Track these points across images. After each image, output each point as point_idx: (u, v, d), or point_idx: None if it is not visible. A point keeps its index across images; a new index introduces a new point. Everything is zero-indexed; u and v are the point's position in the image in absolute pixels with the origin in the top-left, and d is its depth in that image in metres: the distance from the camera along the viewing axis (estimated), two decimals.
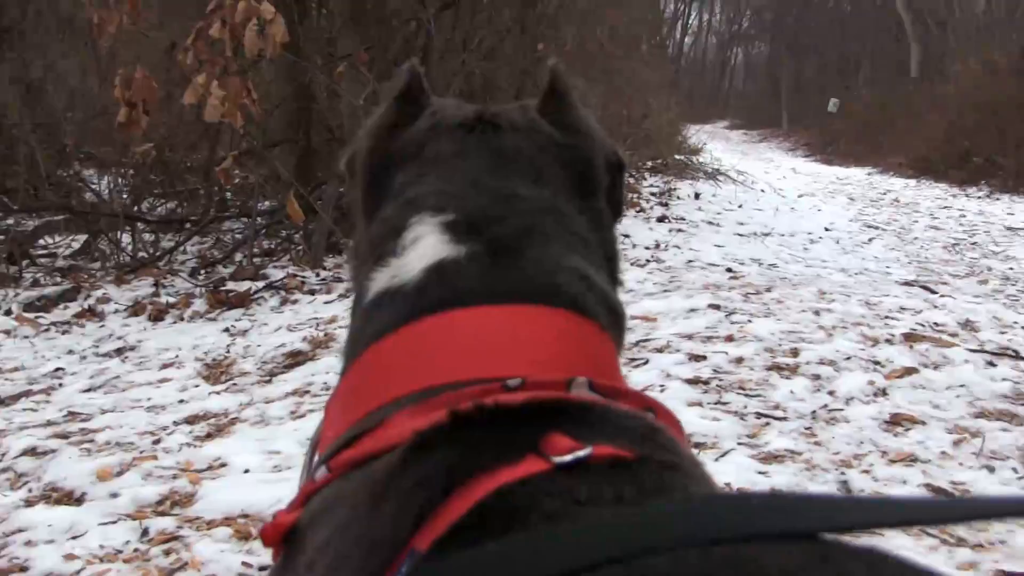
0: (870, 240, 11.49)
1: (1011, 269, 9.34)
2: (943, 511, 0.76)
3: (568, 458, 0.75)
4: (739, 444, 3.79)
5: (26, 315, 6.96)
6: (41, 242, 9.36)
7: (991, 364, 4.86)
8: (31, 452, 4.11)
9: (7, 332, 6.62)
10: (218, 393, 4.84)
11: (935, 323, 5.64)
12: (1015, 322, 5.79)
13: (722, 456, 3.66)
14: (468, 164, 1.09)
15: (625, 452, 0.77)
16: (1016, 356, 5.02)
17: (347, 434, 0.89)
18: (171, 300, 7.13)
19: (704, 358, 4.86)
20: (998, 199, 16.50)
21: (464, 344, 0.91)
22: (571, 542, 0.63)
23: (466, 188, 1.06)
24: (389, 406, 0.88)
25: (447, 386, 0.87)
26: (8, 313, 6.99)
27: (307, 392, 4.67)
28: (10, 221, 9.35)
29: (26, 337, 6.54)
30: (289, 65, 9.08)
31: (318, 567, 0.79)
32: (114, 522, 3.32)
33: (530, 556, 0.63)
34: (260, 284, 7.41)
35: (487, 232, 1.00)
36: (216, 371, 5.28)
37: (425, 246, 1.01)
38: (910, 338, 5.22)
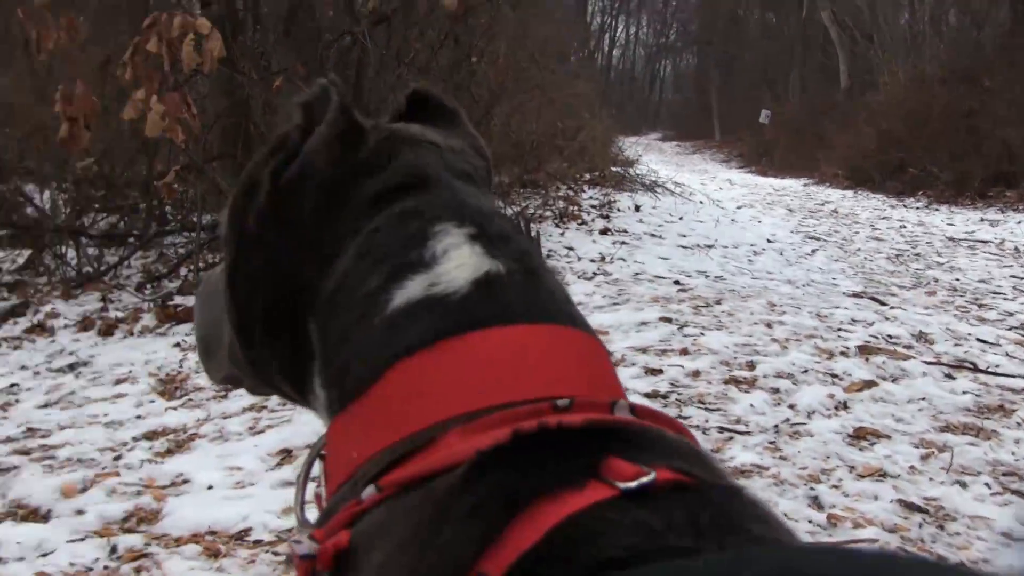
0: (813, 251, 11.64)
1: (957, 280, 9.46)
2: None
3: (634, 484, 0.74)
4: None
5: None
6: None
7: (950, 376, 4.98)
8: None
9: None
10: (175, 408, 4.91)
11: (888, 335, 5.80)
12: (969, 334, 5.94)
13: None
14: (445, 178, 1.08)
15: (684, 476, 0.77)
16: (975, 368, 5.14)
17: (390, 454, 0.88)
18: (120, 315, 7.17)
19: (660, 371, 4.98)
20: (937, 210, 16.82)
21: (512, 363, 0.90)
22: None
23: (463, 201, 1.05)
24: (438, 425, 0.86)
25: (501, 405, 0.85)
26: None
27: (264, 408, 4.76)
28: None
29: None
30: (225, 79, 9.14)
31: None
32: (82, 539, 3.40)
33: None
34: None
35: (507, 249, 1.00)
36: (170, 386, 5.35)
37: (462, 256, 0.98)
38: (865, 350, 5.34)
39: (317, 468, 1.11)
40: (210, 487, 3.78)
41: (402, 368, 0.91)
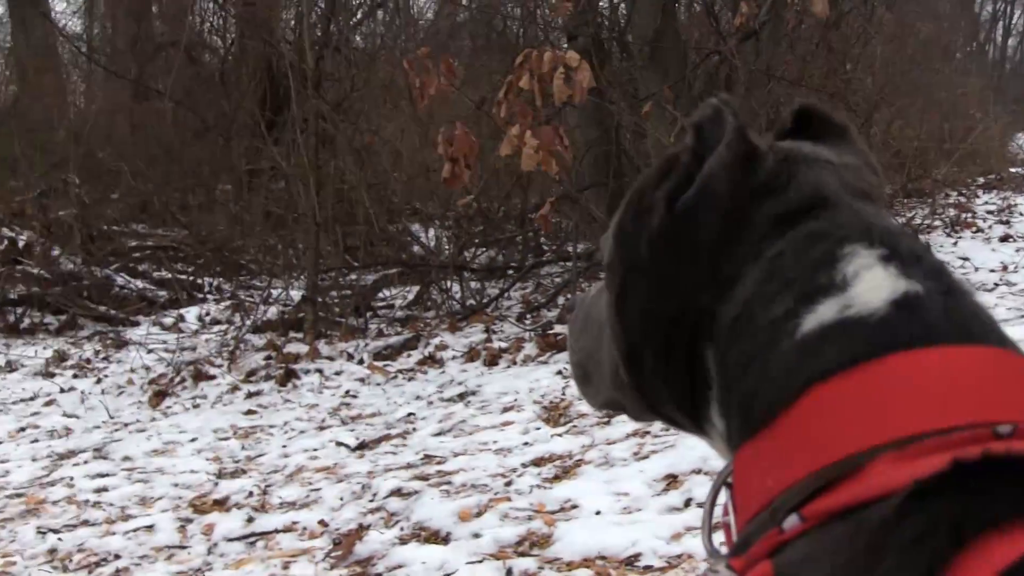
0: None
1: None
2: None
3: None
4: None
5: (376, 364, 7.56)
6: (381, 295, 10.10)
7: None
8: (398, 492, 4.49)
9: (362, 380, 7.24)
10: (560, 435, 5.08)
11: None
12: None
13: None
14: (845, 198, 1.04)
15: None
16: None
17: (813, 482, 0.84)
18: (503, 345, 7.53)
19: None
20: None
21: (941, 386, 0.85)
22: None
23: (868, 221, 1.00)
24: (865, 453, 0.82)
25: (933, 432, 0.81)
26: (361, 362, 7.62)
27: (647, 433, 4.83)
28: (353, 276, 10.13)
29: (378, 384, 7.13)
30: (594, 109, 9.39)
31: None
32: (480, 561, 3.59)
33: None
34: None
35: (921, 268, 0.94)
36: (554, 413, 5.55)
37: (875, 278, 0.93)
38: None
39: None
40: (598, 512, 3.88)
41: (818, 393, 0.88)
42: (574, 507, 3.98)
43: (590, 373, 1.27)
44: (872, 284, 0.92)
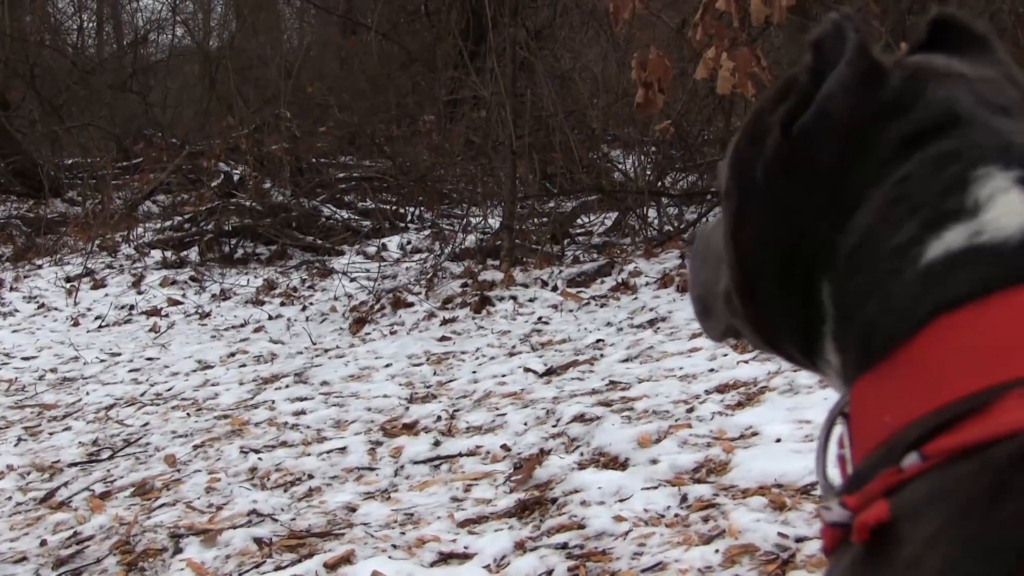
0: None
1: None
2: None
3: None
4: None
5: (569, 290, 7.57)
6: (579, 221, 10.09)
7: None
8: (580, 418, 4.48)
9: (555, 307, 7.27)
10: (746, 362, 4.95)
11: None
12: None
13: None
14: (981, 115, 0.96)
15: None
16: None
17: (935, 418, 0.79)
18: None
19: None
20: None
21: None
22: None
23: (1005, 140, 0.93)
24: (993, 389, 0.77)
25: None
26: (555, 289, 7.65)
27: None
28: (552, 204, 10.15)
29: (570, 311, 7.13)
30: (797, 28, 9.01)
31: (925, 566, 0.72)
32: (655, 487, 3.54)
33: None
34: None
35: None
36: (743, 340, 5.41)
37: (1011, 202, 0.87)
38: None
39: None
40: (778, 440, 3.76)
41: (943, 324, 0.82)
42: (754, 434, 3.87)
43: (711, 306, 1.20)
44: (1007, 209, 0.85)
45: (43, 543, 3.85)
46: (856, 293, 0.91)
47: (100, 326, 8.72)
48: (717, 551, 2.96)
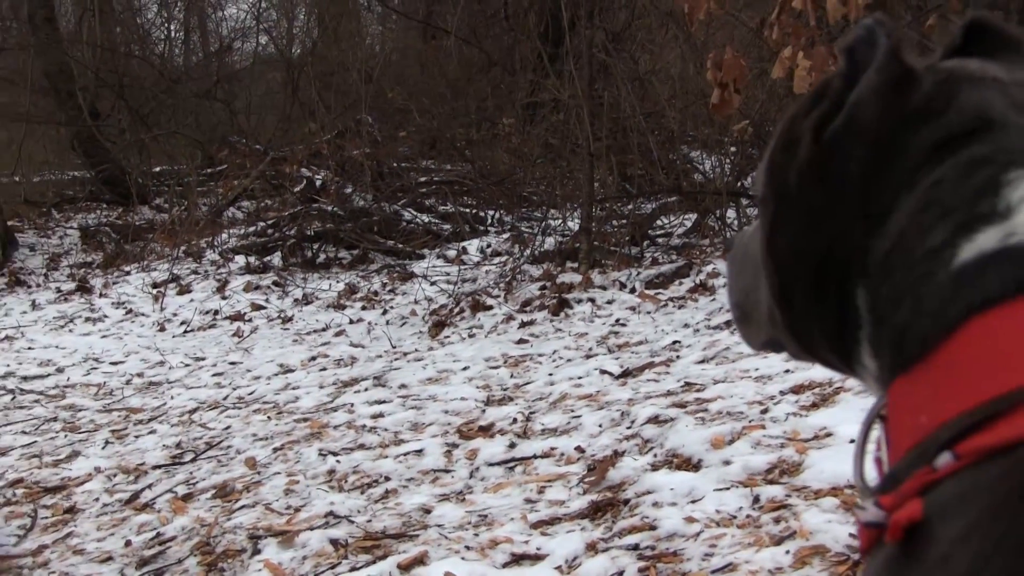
0: None
1: None
2: None
3: None
4: None
5: (647, 292, 7.55)
6: (658, 223, 10.05)
7: None
8: (654, 420, 4.47)
9: (632, 308, 7.26)
10: None
11: None
12: None
13: None
14: (1014, 119, 0.96)
15: None
16: None
17: (968, 418, 0.80)
18: None
19: None
20: None
21: None
22: None
23: None
24: None
25: None
26: (632, 291, 7.64)
27: None
28: (630, 206, 10.13)
29: (648, 312, 7.11)
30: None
31: (955, 564, 0.73)
32: (728, 488, 3.53)
33: None
34: None
35: None
36: None
37: None
38: None
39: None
40: (852, 441, 3.71)
41: (977, 325, 0.82)
42: (828, 435, 3.83)
43: (749, 313, 1.21)
44: None
45: (128, 543, 3.96)
46: (890, 297, 0.92)
47: (185, 331, 8.92)
48: (788, 552, 2.94)
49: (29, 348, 8.57)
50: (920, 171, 0.93)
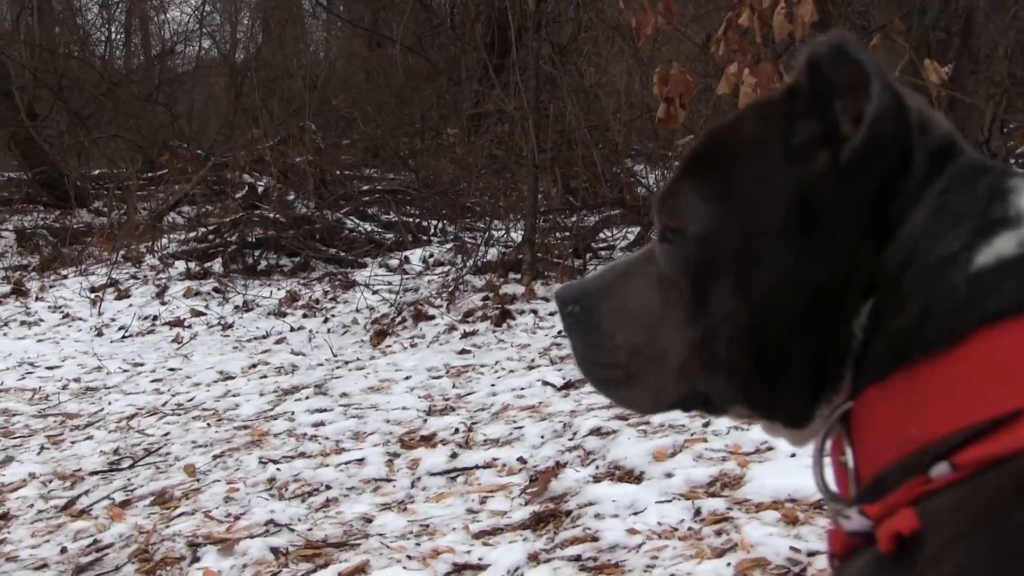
0: None
1: None
2: None
3: None
4: None
5: None
6: (601, 236, 10.09)
7: None
8: (597, 432, 4.50)
9: None
10: None
11: None
12: None
13: None
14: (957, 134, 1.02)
15: None
16: None
17: (965, 432, 0.81)
18: None
19: None
20: None
21: None
22: None
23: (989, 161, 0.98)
24: None
25: None
26: None
27: None
28: (574, 218, 10.16)
29: None
30: None
31: (945, 565, 0.74)
32: (670, 501, 3.55)
33: None
34: None
35: None
36: None
37: None
38: None
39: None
40: (793, 455, 3.76)
41: (986, 337, 0.83)
42: (769, 449, 3.87)
43: (637, 374, 1.16)
44: None
45: (63, 550, 3.89)
46: (897, 305, 0.92)
47: (123, 336, 8.79)
48: (729, 564, 2.97)
49: None
50: (926, 181, 0.96)
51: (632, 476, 3.89)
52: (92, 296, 10.00)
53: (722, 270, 1.02)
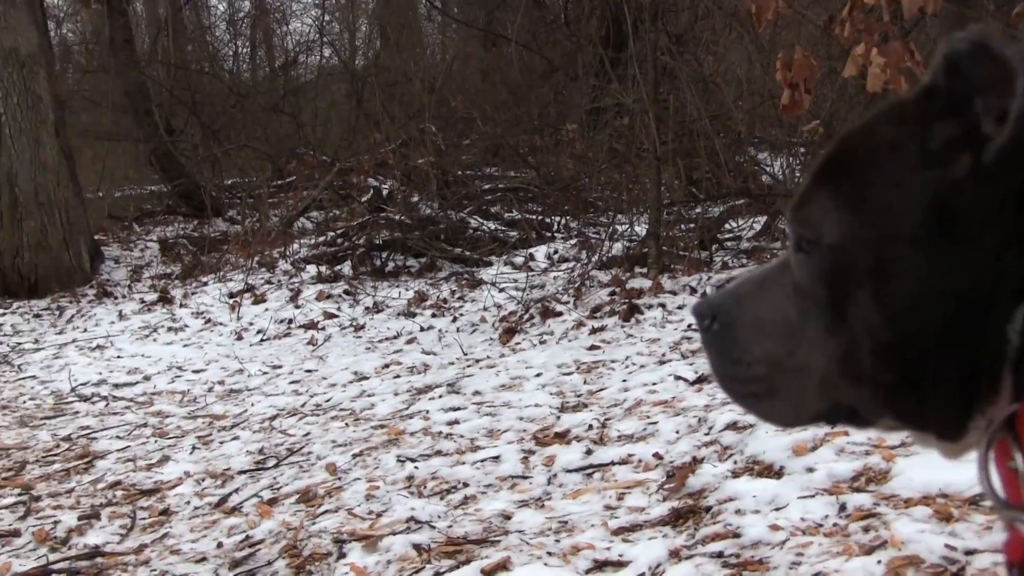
0: None
1: None
2: None
3: None
4: None
5: None
6: (727, 226, 9.98)
7: None
8: (733, 426, 4.44)
9: None
10: None
11: None
12: None
13: None
14: None
15: None
16: None
17: None
18: None
19: None
20: None
21: None
22: None
23: None
24: None
25: None
26: (704, 295, 7.58)
27: None
28: (698, 210, 10.07)
29: None
30: (955, 18, 8.72)
31: None
32: (812, 496, 3.49)
33: None
34: None
35: None
36: None
37: None
38: None
39: None
40: None
41: None
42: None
43: (779, 387, 1.15)
44: None
45: (219, 545, 4.04)
46: None
47: (262, 340, 9.03)
48: (879, 562, 2.90)
49: (118, 357, 8.78)
50: None
51: (772, 471, 3.84)
52: (231, 301, 10.29)
53: (860, 281, 1.00)
